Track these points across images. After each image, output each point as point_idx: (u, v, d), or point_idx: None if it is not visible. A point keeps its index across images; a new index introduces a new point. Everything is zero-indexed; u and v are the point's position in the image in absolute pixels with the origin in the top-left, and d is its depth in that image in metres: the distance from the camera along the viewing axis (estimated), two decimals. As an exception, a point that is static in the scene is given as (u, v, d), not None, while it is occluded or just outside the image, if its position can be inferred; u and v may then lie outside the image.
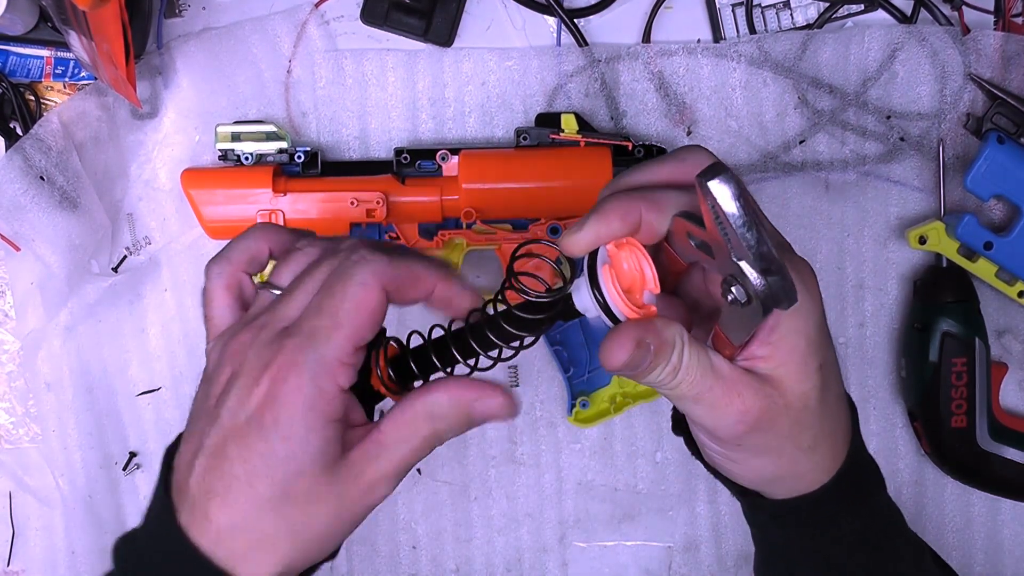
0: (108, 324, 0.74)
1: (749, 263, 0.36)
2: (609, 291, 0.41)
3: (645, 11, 0.72)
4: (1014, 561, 0.76)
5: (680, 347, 0.41)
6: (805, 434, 0.44)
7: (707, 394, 0.42)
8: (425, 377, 0.46)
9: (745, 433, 0.43)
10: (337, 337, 0.42)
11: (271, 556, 0.42)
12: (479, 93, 0.73)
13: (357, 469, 0.43)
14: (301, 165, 0.70)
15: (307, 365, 0.41)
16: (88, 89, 0.71)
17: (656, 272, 0.42)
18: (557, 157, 0.70)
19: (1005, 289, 0.71)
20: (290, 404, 0.41)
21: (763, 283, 0.36)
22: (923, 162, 0.73)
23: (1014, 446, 0.72)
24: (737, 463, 0.45)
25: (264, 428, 0.41)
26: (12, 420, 0.76)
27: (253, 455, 0.41)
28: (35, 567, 0.77)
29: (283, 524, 0.42)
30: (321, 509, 0.42)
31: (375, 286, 0.42)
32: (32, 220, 0.69)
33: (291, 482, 0.41)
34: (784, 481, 0.46)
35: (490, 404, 0.43)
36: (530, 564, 0.77)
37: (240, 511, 0.42)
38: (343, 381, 0.42)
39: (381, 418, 0.44)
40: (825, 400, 0.44)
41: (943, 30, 0.71)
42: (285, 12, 0.72)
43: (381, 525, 0.76)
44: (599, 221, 0.42)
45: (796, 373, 0.42)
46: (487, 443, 0.76)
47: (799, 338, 0.42)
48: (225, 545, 0.42)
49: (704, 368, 0.41)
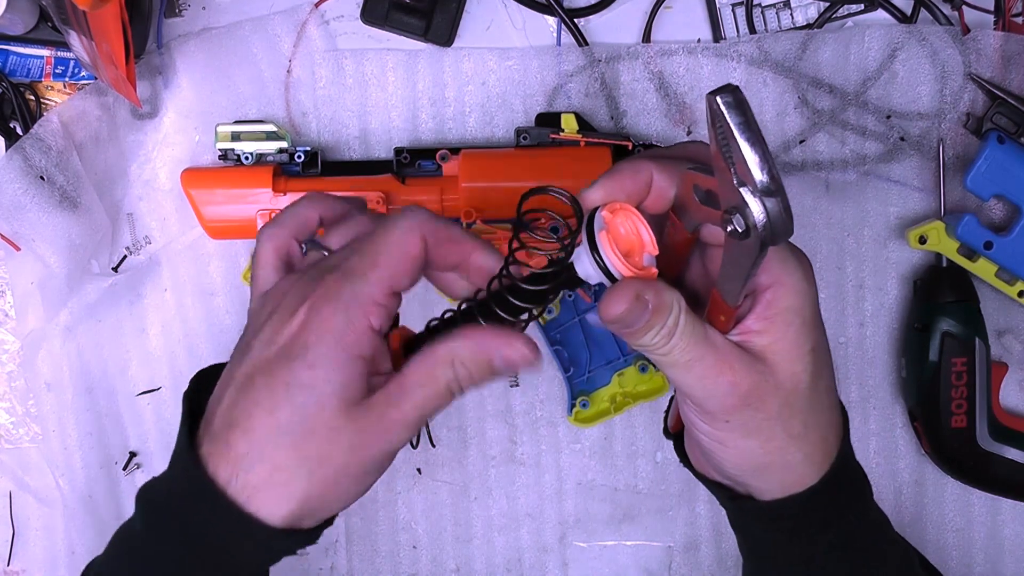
0: (108, 324, 0.74)
1: (752, 188, 0.36)
2: (607, 253, 0.42)
3: (645, 11, 0.72)
4: (1014, 561, 0.76)
5: (676, 311, 0.41)
6: (795, 419, 0.44)
7: (698, 363, 0.42)
8: None
9: (734, 407, 0.43)
10: (373, 276, 0.43)
11: (285, 490, 0.42)
12: (479, 93, 0.73)
13: (378, 411, 0.43)
14: (301, 165, 0.70)
15: (341, 298, 0.42)
16: (88, 89, 0.71)
17: (654, 235, 0.43)
18: (557, 157, 0.70)
19: (1005, 289, 0.71)
20: (320, 333, 0.42)
21: (763, 210, 0.36)
22: (923, 162, 0.73)
23: (1014, 446, 0.72)
24: (726, 446, 0.45)
25: (292, 357, 0.42)
26: (12, 420, 0.76)
27: (277, 383, 0.42)
28: (35, 567, 0.77)
29: (299, 458, 0.42)
30: (338, 447, 0.42)
31: (416, 233, 0.44)
32: (32, 220, 0.69)
33: (311, 413, 0.42)
34: (772, 472, 0.45)
35: (511, 353, 0.43)
36: (530, 564, 0.77)
37: (258, 440, 0.42)
38: (375, 320, 0.43)
39: (404, 364, 0.44)
40: (816, 387, 0.44)
41: (943, 30, 0.71)
42: (285, 12, 0.72)
43: (381, 525, 0.76)
44: (611, 178, 0.43)
45: (788, 351, 0.43)
46: (487, 443, 0.76)
47: (794, 316, 0.43)
48: (241, 477, 0.42)
49: (698, 336, 0.42)
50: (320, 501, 0.43)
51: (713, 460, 0.47)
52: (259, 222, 0.69)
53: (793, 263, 0.43)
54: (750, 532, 0.50)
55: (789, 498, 0.46)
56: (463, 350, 0.43)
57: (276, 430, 0.42)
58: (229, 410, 0.43)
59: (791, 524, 0.47)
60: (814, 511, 0.46)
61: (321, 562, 0.77)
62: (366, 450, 0.43)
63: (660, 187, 0.43)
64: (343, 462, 0.42)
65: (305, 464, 0.42)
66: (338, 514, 0.46)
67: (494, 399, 0.75)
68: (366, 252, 0.44)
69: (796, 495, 0.45)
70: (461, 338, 0.43)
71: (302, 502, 0.43)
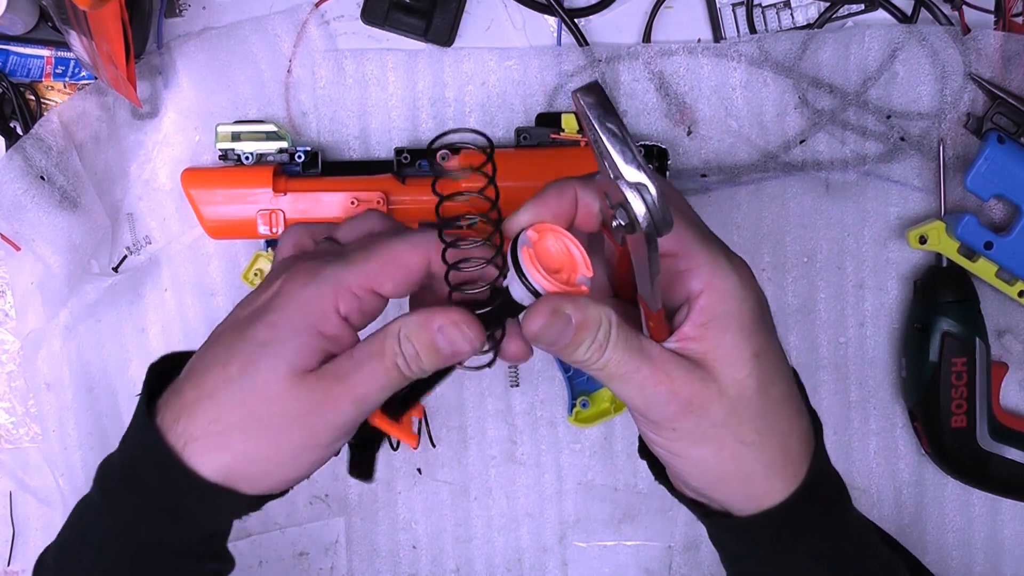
0: (108, 324, 0.74)
1: (625, 182, 0.37)
2: (528, 269, 0.42)
3: (645, 11, 0.72)
4: (1014, 561, 0.76)
5: (607, 326, 0.42)
6: (744, 426, 0.44)
7: (635, 374, 0.42)
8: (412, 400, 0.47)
9: (677, 415, 0.43)
10: (356, 266, 0.43)
11: (218, 441, 0.42)
12: (479, 93, 0.73)
13: (326, 383, 0.43)
14: (301, 165, 0.70)
15: (317, 276, 0.43)
16: (88, 89, 0.71)
17: (586, 255, 0.43)
18: (557, 157, 0.70)
19: (1005, 289, 0.71)
20: (287, 299, 0.43)
21: (640, 202, 0.37)
22: (923, 162, 0.73)
23: (1014, 446, 0.72)
24: (679, 456, 0.45)
25: (257, 319, 0.43)
26: (12, 420, 0.76)
27: (237, 339, 0.43)
28: (35, 567, 0.77)
29: (240, 413, 0.42)
30: (281, 411, 0.42)
31: (422, 251, 0.44)
32: (32, 220, 0.69)
33: (259, 370, 0.42)
34: (732, 483, 0.45)
35: (454, 335, 0.43)
36: (530, 564, 0.77)
37: (206, 389, 0.43)
38: (343, 305, 0.43)
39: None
40: (766, 394, 0.44)
41: (943, 30, 0.71)
42: (285, 12, 0.72)
43: (381, 525, 0.76)
44: (536, 201, 0.44)
45: (727, 357, 0.43)
46: (487, 443, 0.76)
47: (729, 321, 0.43)
48: (182, 424, 0.43)
49: (632, 348, 0.42)
50: (257, 464, 0.43)
51: (674, 473, 0.47)
52: (259, 222, 0.69)
53: (725, 267, 0.43)
54: (728, 548, 0.50)
55: (762, 513, 0.45)
56: (408, 323, 0.43)
57: (224, 381, 0.43)
58: (192, 363, 0.44)
59: (767, 539, 0.46)
60: (789, 526, 0.46)
61: (321, 562, 0.77)
62: (311, 420, 0.43)
63: (585, 203, 0.44)
64: (285, 428, 0.42)
65: (244, 420, 0.42)
66: (288, 489, 0.46)
67: (494, 399, 0.75)
68: (366, 247, 0.44)
69: (769, 510, 0.45)
70: (413, 313, 0.43)
71: (235, 458, 0.43)
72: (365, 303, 0.44)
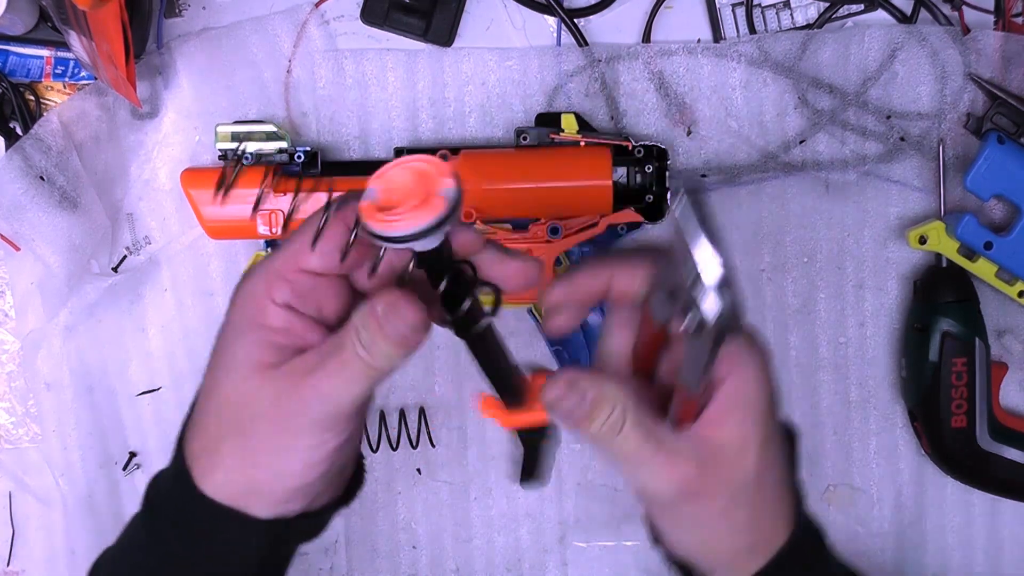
0: (108, 324, 0.74)
1: (706, 282, 0.37)
2: (370, 222, 0.37)
3: (645, 11, 0.72)
4: (1014, 561, 0.76)
5: (621, 407, 0.42)
6: (741, 513, 0.44)
7: (648, 461, 0.42)
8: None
9: (680, 502, 0.43)
10: (284, 248, 0.43)
11: (214, 459, 0.42)
12: (479, 93, 0.73)
13: (293, 378, 0.41)
14: (301, 165, 0.70)
15: (255, 272, 0.43)
16: (88, 89, 0.71)
17: (442, 164, 0.38)
18: (557, 157, 0.70)
19: (1005, 289, 0.71)
20: (232, 300, 0.43)
21: (717, 304, 0.37)
22: (923, 162, 0.73)
23: (1014, 446, 0.72)
24: (672, 534, 0.46)
25: (220, 327, 0.44)
26: (12, 420, 0.76)
27: (213, 350, 0.44)
28: (35, 567, 0.77)
29: (222, 423, 0.42)
30: (255, 413, 0.41)
31: (341, 221, 0.41)
32: (32, 220, 0.69)
33: (223, 376, 0.42)
34: (723, 558, 0.46)
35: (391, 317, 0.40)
36: (530, 564, 0.77)
37: (201, 407, 0.44)
38: (277, 294, 0.42)
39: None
40: (764, 480, 0.44)
41: (943, 30, 0.71)
42: (285, 12, 0.72)
43: (381, 525, 0.76)
44: (569, 280, 0.44)
45: (741, 444, 0.43)
46: (487, 443, 0.76)
47: (749, 408, 0.43)
48: (191, 444, 0.44)
49: (647, 433, 0.42)
50: (246, 472, 0.42)
51: (665, 541, 0.48)
52: (259, 222, 0.69)
53: (748, 352, 0.43)
54: None
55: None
56: (360, 310, 0.40)
57: (203, 394, 0.43)
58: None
59: None
60: None
61: (321, 562, 0.77)
62: (282, 417, 0.41)
63: (625, 282, 0.44)
64: (259, 429, 0.41)
65: (224, 430, 0.42)
66: (318, 512, 0.45)
67: (494, 399, 0.75)
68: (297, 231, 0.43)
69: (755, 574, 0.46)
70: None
71: (232, 473, 0.42)
72: (298, 285, 0.42)
